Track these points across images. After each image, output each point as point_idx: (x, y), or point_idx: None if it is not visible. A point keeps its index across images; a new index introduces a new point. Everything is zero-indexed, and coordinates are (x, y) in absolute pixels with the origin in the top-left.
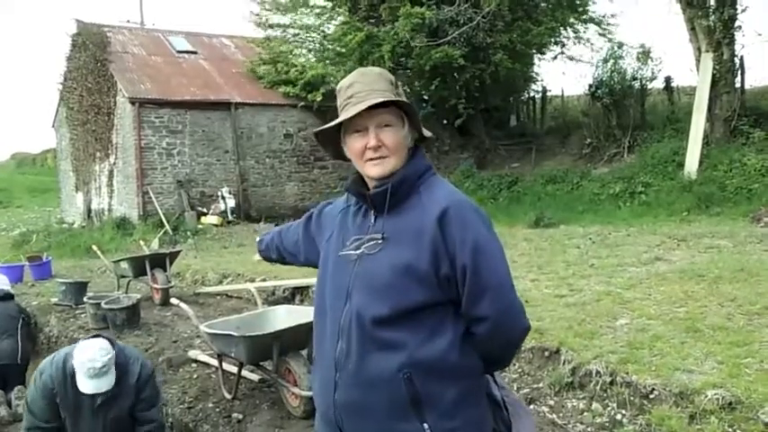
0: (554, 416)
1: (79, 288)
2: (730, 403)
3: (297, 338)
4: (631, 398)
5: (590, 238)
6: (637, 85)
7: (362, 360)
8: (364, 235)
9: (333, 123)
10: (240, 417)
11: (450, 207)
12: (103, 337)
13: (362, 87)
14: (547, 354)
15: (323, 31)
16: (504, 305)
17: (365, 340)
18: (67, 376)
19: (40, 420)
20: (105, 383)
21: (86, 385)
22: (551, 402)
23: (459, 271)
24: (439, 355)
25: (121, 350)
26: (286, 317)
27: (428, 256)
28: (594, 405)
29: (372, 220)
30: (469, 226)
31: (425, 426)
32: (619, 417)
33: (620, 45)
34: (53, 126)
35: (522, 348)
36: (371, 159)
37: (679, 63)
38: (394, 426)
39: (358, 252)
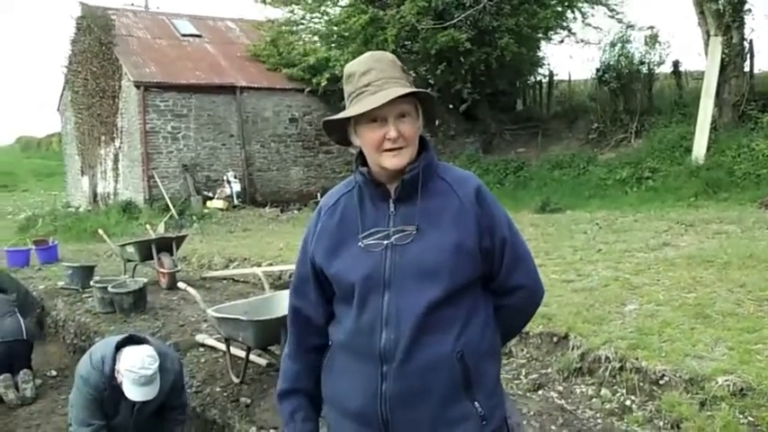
0: (563, 401)
1: (86, 272)
2: (741, 389)
3: None
4: (641, 384)
5: (597, 224)
6: (644, 69)
7: (416, 346)
8: (386, 225)
9: (352, 113)
10: (248, 401)
11: (480, 186)
12: (138, 337)
13: (379, 75)
14: (555, 339)
15: (327, 13)
16: (536, 272)
17: (418, 327)
18: (109, 379)
19: (97, 419)
20: (153, 390)
21: (135, 393)
22: (560, 388)
23: (498, 243)
24: (480, 333)
25: (157, 349)
26: None
27: (474, 233)
28: (604, 391)
29: (392, 208)
30: (498, 203)
31: (476, 404)
32: (628, 403)
33: (630, 26)
34: (58, 110)
35: (531, 334)
36: (389, 150)
37: (687, 47)
38: (448, 409)
39: (386, 242)
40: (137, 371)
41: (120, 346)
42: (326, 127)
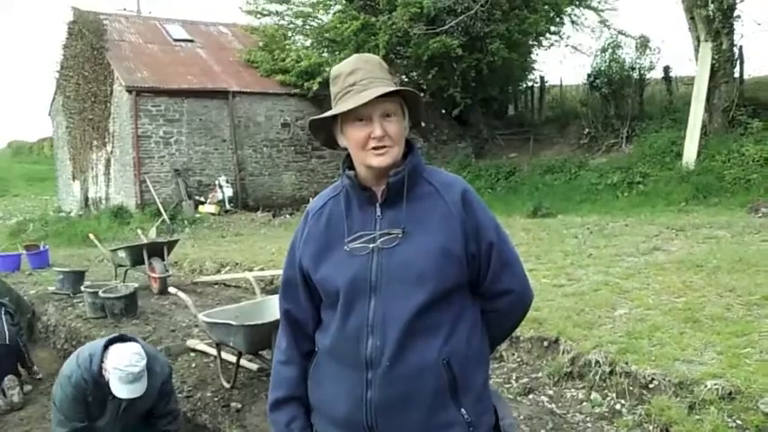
0: (553, 405)
1: (77, 277)
2: (730, 393)
3: None
4: (630, 388)
5: (588, 228)
6: (635, 74)
7: (403, 352)
8: (372, 229)
9: (338, 111)
10: (239, 406)
11: (466, 190)
12: (128, 337)
13: (365, 75)
14: (546, 343)
15: (319, 19)
16: (524, 276)
17: (404, 332)
18: (95, 376)
19: (76, 421)
20: (140, 388)
21: (122, 390)
22: (550, 392)
23: (485, 248)
24: (466, 339)
25: (146, 351)
26: None
27: (459, 237)
28: (594, 395)
29: (378, 212)
30: (485, 207)
31: (463, 411)
32: (618, 407)
33: (621, 32)
34: (49, 114)
35: (521, 338)
36: (375, 149)
37: (678, 52)
38: (434, 416)
39: (372, 246)
40: (123, 368)
41: (108, 345)
42: (313, 127)
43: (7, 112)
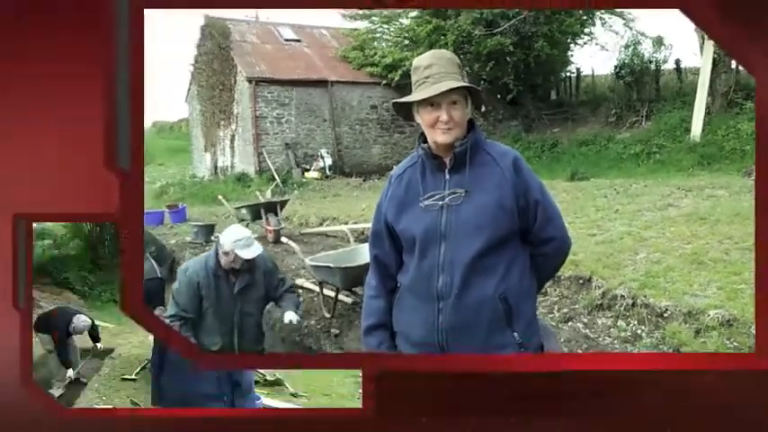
0: (587, 331)
1: (208, 229)
2: (728, 320)
3: None
4: (649, 316)
5: (615, 189)
6: (652, 66)
7: (467, 287)
8: (442, 189)
9: (414, 98)
10: (337, 332)
11: (517, 158)
12: None
13: (439, 69)
14: (581, 281)
15: (400, 23)
16: (563, 227)
17: (467, 272)
18: (209, 273)
19: (181, 310)
20: (257, 248)
21: (247, 253)
22: (585, 320)
23: (532, 204)
24: (519, 278)
25: None
26: None
27: (511, 195)
28: (619, 322)
29: (447, 176)
30: (532, 172)
31: (515, 335)
32: (639, 332)
33: (641, 33)
34: (186, 101)
35: (561, 277)
36: (441, 128)
37: (686, 48)
38: (492, 338)
39: (442, 203)
40: (240, 237)
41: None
42: (395, 107)
43: (150, 99)
